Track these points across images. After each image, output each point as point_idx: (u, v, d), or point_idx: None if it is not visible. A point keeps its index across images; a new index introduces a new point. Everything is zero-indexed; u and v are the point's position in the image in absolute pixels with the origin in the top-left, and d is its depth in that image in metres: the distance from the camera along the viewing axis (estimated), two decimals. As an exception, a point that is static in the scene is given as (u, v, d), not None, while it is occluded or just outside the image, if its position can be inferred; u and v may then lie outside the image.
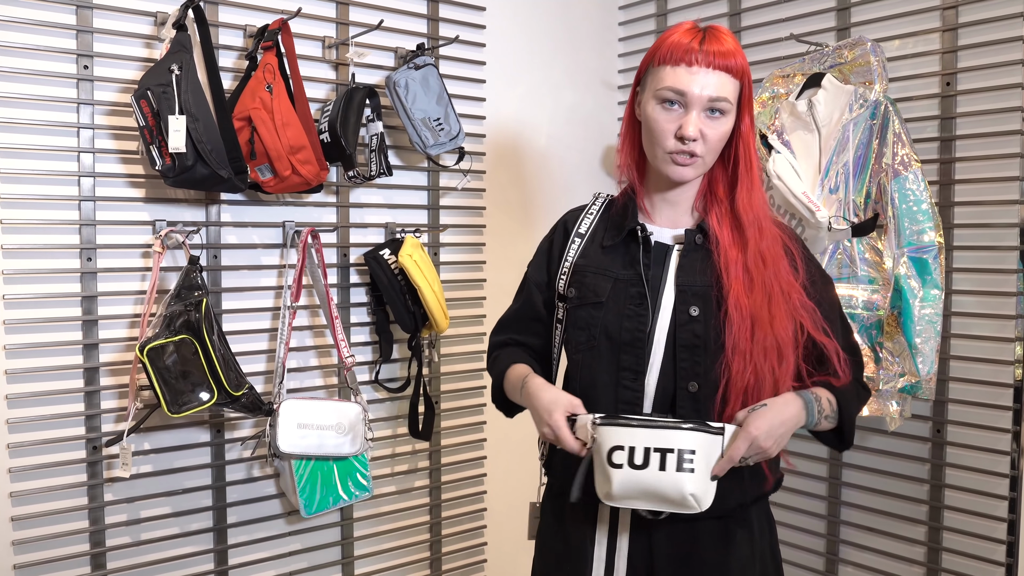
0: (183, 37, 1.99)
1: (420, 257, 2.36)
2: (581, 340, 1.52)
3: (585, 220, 1.61)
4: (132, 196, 2.13)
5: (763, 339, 1.41)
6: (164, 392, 1.93)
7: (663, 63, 1.41)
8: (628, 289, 1.49)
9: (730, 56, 1.40)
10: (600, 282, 1.51)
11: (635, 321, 1.46)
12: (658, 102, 1.42)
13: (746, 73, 1.44)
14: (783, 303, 1.44)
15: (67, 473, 2.07)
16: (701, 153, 1.43)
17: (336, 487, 2.28)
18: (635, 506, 1.37)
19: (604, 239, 1.55)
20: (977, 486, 2.24)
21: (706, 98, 1.40)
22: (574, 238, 1.58)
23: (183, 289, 2.02)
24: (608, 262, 1.53)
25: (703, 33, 1.41)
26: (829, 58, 2.31)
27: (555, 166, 2.98)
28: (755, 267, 1.45)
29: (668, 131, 1.42)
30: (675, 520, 1.44)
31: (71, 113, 2.04)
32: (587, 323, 1.51)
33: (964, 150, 2.25)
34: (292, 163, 2.10)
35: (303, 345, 2.41)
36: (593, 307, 1.50)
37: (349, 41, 2.39)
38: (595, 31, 3.08)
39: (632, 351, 1.46)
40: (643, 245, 1.50)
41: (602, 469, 1.36)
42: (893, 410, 2.20)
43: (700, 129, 1.40)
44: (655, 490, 1.33)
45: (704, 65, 1.39)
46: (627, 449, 1.33)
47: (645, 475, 1.32)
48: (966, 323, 2.26)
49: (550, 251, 1.64)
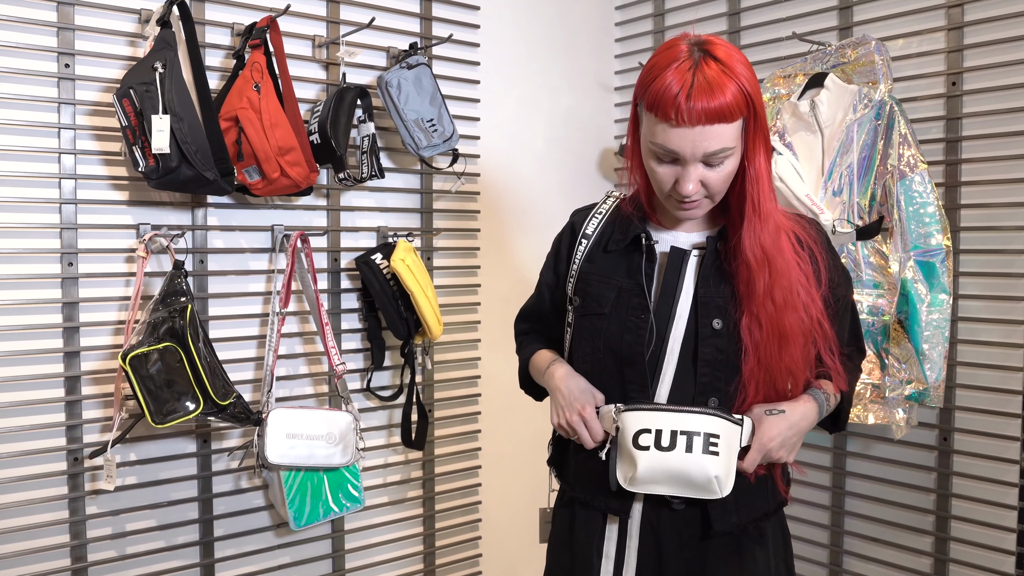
0: (167, 34, 1.93)
1: (413, 262, 2.31)
2: (587, 352, 1.48)
3: (593, 221, 1.54)
4: (115, 199, 2.07)
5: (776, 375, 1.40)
6: (148, 402, 1.87)
7: (651, 111, 1.29)
8: (631, 300, 1.43)
9: (721, 97, 1.24)
10: (604, 291, 1.46)
11: (635, 334, 1.41)
12: (652, 155, 1.33)
13: (749, 103, 1.28)
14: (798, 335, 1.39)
15: (47, 486, 2.01)
16: (703, 196, 1.35)
17: (327, 499, 2.23)
18: (658, 491, 1.36)
19: (610, 243, 1.49)
20: (985, 496, 2.20)
21: (700, 155, 1.28)
22: (581, 239, 1.53)
23: (168, 295, 1.96)
24: (612, 269, 1.47)
25: (692, 72, 1.25)
26: (832, 57, 2.26)
27: (552, 169, 2.93)
28: (763, 307, 1.37)
29: (667, 182, 1.34)
30: (686, 536, 1.41)
31: (52, 113, 1.99)
32: (591, 334, 1.47)
33: (971, 151, 2.21)
34: (281, 165, 2.04)
35: (292, 352, 2.35)
36: (596, 318, 1.45)
37: (340, 40, 2.34)
38: (592, 32, 3.04)
39: (634, 366, 1.41)
40: (646, 254, 1.43)
41: (627, 453, 1.36)
42: (899, 418, 2.15)
43: (700, 180, 1.32)
44: (681, 472, 1.33)
45: (692, 123, 1.25)
46: (654, 432, 1.34)
47: (672, 456, 1.33)
48: (973, 328, 2.21)
49: (559, 251, 1.60)
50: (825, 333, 1.42)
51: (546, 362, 1.56)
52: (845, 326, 1.51)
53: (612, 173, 3.09)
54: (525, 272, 2.83)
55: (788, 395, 1.42)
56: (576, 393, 1.44)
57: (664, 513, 1.42)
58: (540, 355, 1.61)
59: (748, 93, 1.27)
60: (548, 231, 2.90)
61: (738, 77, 1.26)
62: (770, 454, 1.37)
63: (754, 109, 1.29)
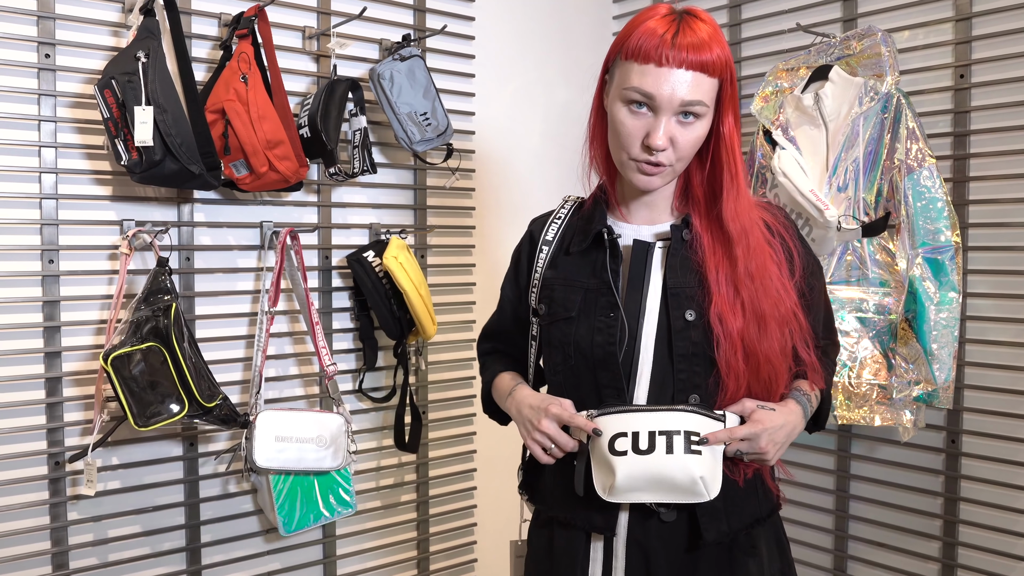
0: (151, 23, 1.87)
1: (406, 259, 2.25)
2: (557, 360, 1.41)
3: (552, 226, 1.48)
4: (98, 194, 2.01)
5: (756, 363, 1.33)
6: (131, 404, 1.81)
7: (630, 57, 1.26)
8: (598, 299, 1.36)
9: (706, 51, 1.24)
10: (569, 295, 1.40)
11: (605, 335, 1.34)
12: (624, 103, 1.28)
13: (728, 67, 1.28)
14: (774, 320, 1.33)
15: (27, 491, 1.95)
16: (670, 162, 1.29)
17: (317, 503, 2.17)
18: (640, 499, 1.28)
19: (572, 244, 1.43)
20: (994, 500, 2.15)
21: (677, 102, 1.25)
22: (541, 246, 1.47)
23: (151, 293, 1.90)
24: (575, 271, 1.41)
25: (677, 23, 1.25)
26: (836, 49, 2.21)
27: (548, 165, 2.87)
28: (743, 285, 1.32)
29: (635, 137, 1.28)
30: (675, 549, 1.34)
31: (31, 105, 1.92)
32: (560, 341, 1.39)
33: (979, 146, 2.16)
34: (269, 159, 1.98)
35: (282, 353, 2.29)
36: (564, 323, 1.39)
37: (331, 31, 2.28)
38: (589, 25, 2.98)
39: (607, 367, 1.33)
40: (610, 249, 1.36)
41: (603, 461, 1.28)
42: (906, 420, 2.10)
43: (671, 136, 1.27)
44: (663, 475, 1.25)
45: (675, 64, 1.23)
46: (630, 435, 1.26)
47: (652, 460, 1.25)
48: (982, 327, 2.16)
49: (518, 263, 1.55)
50: (800, 324, 1.36)
51: (508, 387, 1.50)
52: (819, 318, 1.46)
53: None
54: (521, 270, 2.77)
55: (772, 389, 1.35)
56: (535, 405, 1.39)
57: (652, 525, 1.34)
58: (502, 379, 1.55)
59: (727, 57, 1.28)
60: (545, 229, 2.85)
61: (720, 38, 1.27)
62: (758, 440, 1.28)
63: (731, 74, 1.29)
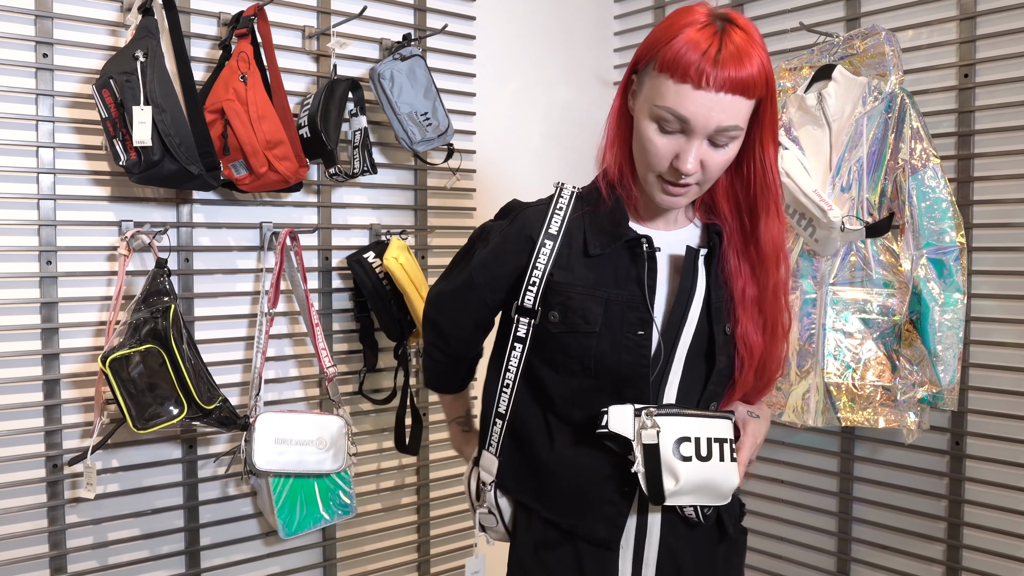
0: (149, 22, 1.85)
1: (406, 260, 2.23)
2: (575, 368, 1.30)
3: (555, 219, 1.33)
4: (96, 195, 1.99)
5: (760, 374, 1.37)
6: (129, 406, 1.79)
7: (665, 71, 1.16)
8: (626, 314, 1.27)
9: (747, 68, 1.14)
10: (590, 305, 1.28)
11: (635, 353, 1.27)
12: (653, 119, 1.19)
13: (768, 85, 1.19)
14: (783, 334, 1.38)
15: (26, 494, 1.93)
16: (697, 181, 1.23)
17: (317, 506, 2.16)
18: (685, 502, 1.26)
19: (590, 245, 1.30)
20: (999, 502, 2.14)
21: (713, 127, 1.16)
22: (544, 240, 1.31)
23: (150, 295, 1.88)
24: (596, 278, 1.29)
25: (719, 36, 1.14)
26: (839, 49, 2.20)
27: (549, 166, 2.86)
28: (769, 304, 1.33)
29: (663, 157, 1.20)
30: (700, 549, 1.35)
31: (29, 105, 1.91)
32: (578, 352, 1.29)
33: (983, 145, 2.14)
34: (268, 159, 1.96)
35: (281, 354, 2.28)
36: (584, 336, 1.28)
37: (330, 30, 2.26)
38: (590, 24, 2.97)
39: (634, 384, 1.27)
40: (648, 263, 1.28)
41: (666, 464, 1.22)
42: (911, 422, 2.09)
43: (701, 159, 1.20)
44: (715, 482, 1.25)
45: (715, 88, 1.13)
46: (693, 440, 1.23)
47: (709, 467, 1.24)
48: (987, 329, 2.14)
49: (503, 250, 1.37)
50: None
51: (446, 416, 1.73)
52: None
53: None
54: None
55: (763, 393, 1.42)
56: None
57: (680, 528, 1.32)
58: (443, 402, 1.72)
59: (768, 71, 1.18)
60: (546, 229, 2.83)
61: (761, 51, 1.17)
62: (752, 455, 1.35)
63: (770, 90, 1.21)
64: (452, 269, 1.50)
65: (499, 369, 1.39)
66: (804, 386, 2.19)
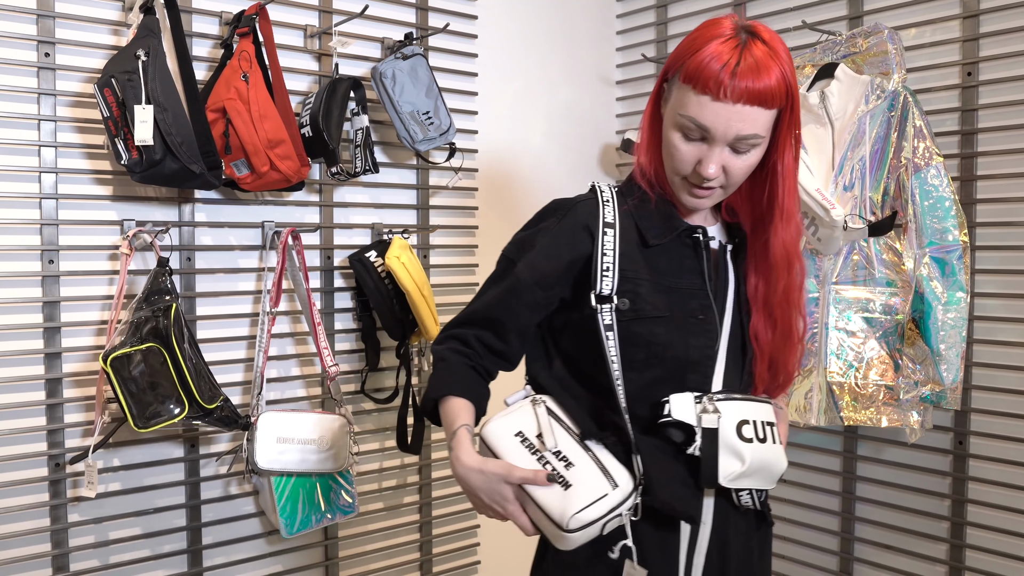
0: (151, 21, 1.85)
1: (408, 260, 2.23)
2: (638, 358, 1.31)
3: (607, 209, 1.35)
4: (98, 194, 1.99)
5: (775, 371, 1.42)
6: (130, 405, 1.80)
7: (688, 82, 1.23)
8: (687, 301, 1.33)
9: (765, 80, 1.20)
10: (657, 293, 1.32)
11: (702, 339, 1.33)
12: (678, 128, 1.26)
13: (789, 95, 1.24)
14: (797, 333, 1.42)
15: (28, 492, 1.93)
16: (720, 185, 1.29)
17: (319, 505, 2.16)
18: (745, 484, 1.30)
19: (648, 236, 1.34)
20: (1002, 501, 2.13)
21: (732, 136, 1.23)
22: (604, 228, 1.33)
23: (151, 294, 1.89)
24: (659, 268, 1.34)
25: (740, 50, 1.20)
26: (842, 47, 2.19)
27: (551, 165, 2.86)
28: (778, 305, 1.38)
29: (687, 162, 1.28)
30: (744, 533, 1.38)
31: (31, 104, 1.91)
32: (646, 340, 1.31)
33: (987, 144, 2.13)
34: (270, 158, 1.96)
35: (283, 353, 2.28)
36: (653, 322, 1.31)
37: (332, 29, 2.26)
38: (592, 24, 2.96)
39: (699, 370, 1.33)
40: (706, 251, 1.35)
41: (730, 447, 1.27)
42: (913, 421, 2.08)
43: (722, 164, 1.26)
44: (770, 465, 1.30)
45: (733, 99, 1.20)
46: (751, 422, 1.28)
47: (767, 448, 1.29)
48: (990, 328, 2.14)
49: (554, 247, 1.36)
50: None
51: (451, 423, 1.32)
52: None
53: (613, 169, 3.02)
54: (524, 271, 2.75)
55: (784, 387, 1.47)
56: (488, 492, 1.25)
57: (730, 513, 1.35)
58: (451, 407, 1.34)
59: (789, 83, 1.23)
60: (548, 228, 2.83)
61: (782, 63, 1.22)
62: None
63: (792, 101, 1.25)
64: (482, 293, 1.43)
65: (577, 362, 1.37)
66: (807, 385, 2.18)
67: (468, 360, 1.38)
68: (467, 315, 1.42)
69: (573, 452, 1.26)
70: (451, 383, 1.36)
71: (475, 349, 1.39)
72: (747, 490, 1.31)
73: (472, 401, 1.35)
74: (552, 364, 1.41)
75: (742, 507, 1.33)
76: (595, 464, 1.25)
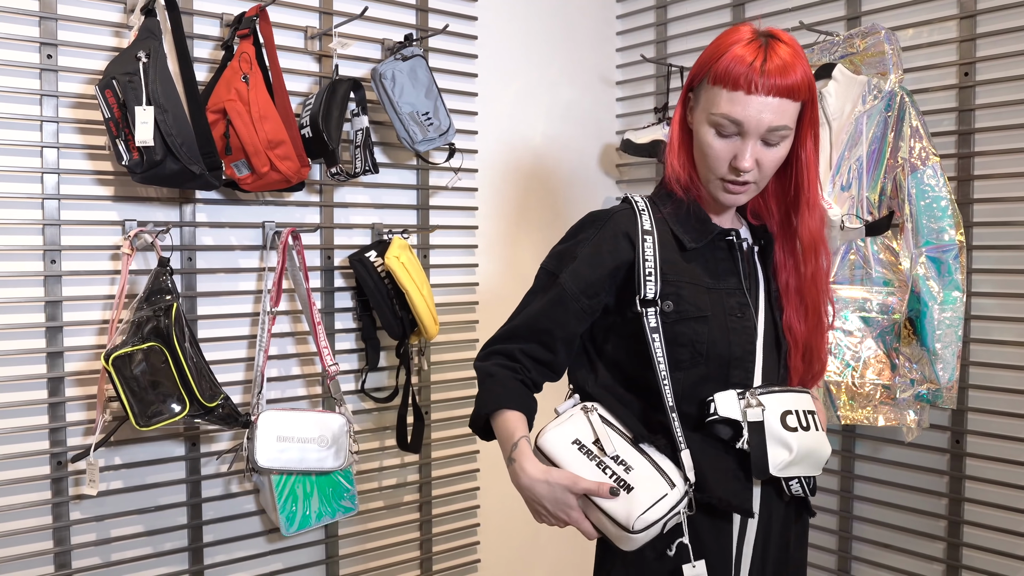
0: (152, 23, 1.87)
1: (408, 259, 2.24)
2: (683, 358, 1.36)
3: (643, 217, 1.40)
4: (100, 194, 2.01)
5: (809, 359, 1.47)
6: (132, 404, 1.81)
7: (718, 83, 1.31)
8: (726, 300, 1.40)
9: (791, 75, 1.29)
10: (698, 294, 1.38)
11: (742, 335, 1.39)
12: (711, 126, 1.34)
13: (810, 89, 1.33)
14: (826, 320, 1.49)
15: (30, 490, 1.95)
16: (755, 180, 1.36)
17: (319, 503, 2.17)
18: (794, 472, 1.35)
19: (685, 240, 1.40)
20: (999, 500, 2.13)
21: (764, 127, 1.30)
22: (643, 236, 1.38)
23: (152, 293, 1.90)
24: (697, 270, 1.40)
25: (764, 50, 1.30)
26: (839, 48, 2.20)
27: (551, 165, 2.87)
28: (808, 292, 1.45)
29: (722, 159, 1.34)
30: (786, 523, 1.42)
31: (33, 106, 1.92)
32: (690, 339, 1.36)
33: (984, 144, 2.14)
34: (270, 159, 1.98)
35: (284, 353, 2.29)
36: (696, 322, 1.37)
37: (332, 31, 2.27)
38: (592, 24, 2.97)
39: (742, 366, 1.39)
40: (740, 253, 1.43)
41: (777, 438, 1.33)
42: (910, 420, 2.09)
43: (756, 158, 1.33)
44: (816, 451, 1.35)
45: (764, 92, 1.28)
46: (794, 412, 1.34)
47: (811, 436, 1.35)
48: (987, 327, 2.14)
49: (599, 252, 1.39)
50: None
51: (510, 436, 1.35)
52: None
53: (613, 169, 3.03)
54: (525, 270, 2.76)
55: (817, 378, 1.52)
56: (553, 501, 1.30)
57: (775, 502, 1.40)
58: (506, 420, 1.37)
59: (810, 78, 1.32)
60: (549, 228, 2.84)
61: (803, 60, 1.31)
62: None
63: (812, 95, 1.34)
64: (523, 307, 1.46)
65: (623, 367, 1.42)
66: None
67: (516, 374, 1.41)
68: (510, 330, 1.45)
69: (630, 456, 1.31)
70: (503, 397, 1.39)
71: (522, 363, 1.42)
72: (796, 478, 1.36)
73: (525, 413, 1.39)
74: (597, 372, 1.45)
75: (792, 495, 1.39)
76: (652, 466, 1.30)
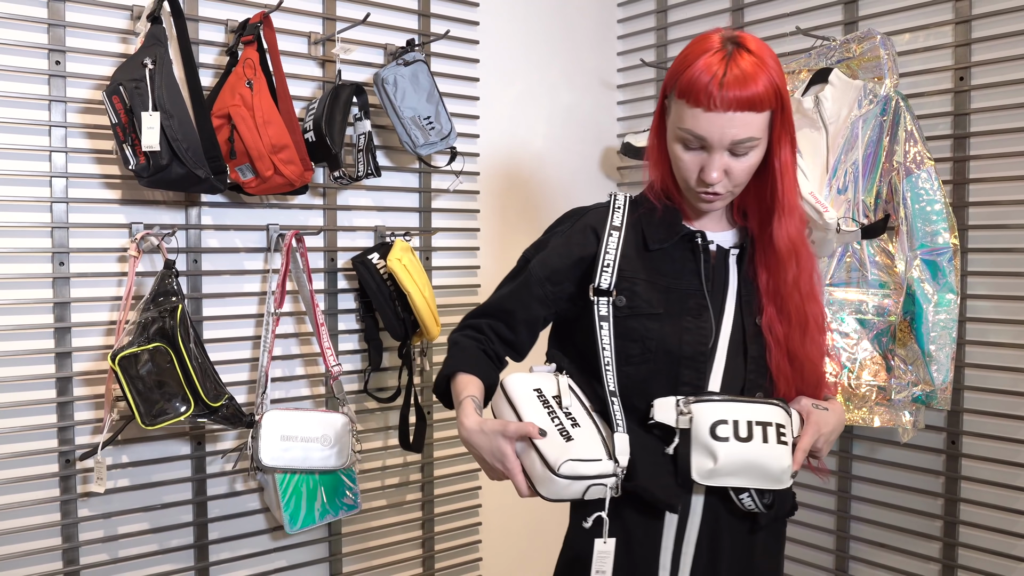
0: (158, 30, 1.90)
1: (410, 261, 2.27)
2: (634, 353, 1.40)
3: (615, 215, 1.46)
4: (107, 198, 2.05)
5: (800, 366, 1.44)
6: (137, 403, 1.85)
7: (682, 97, 1.31)
8: (685, 301, 1.40)
9: (752, 87, 1.27)
10: (652, 291, 1.40)
11: (696, 335, 1.39)
12: (679, 140, 1.35)
13: (778, 97, 1.31)
14: (815, 326, 1.45)
15: (39, 488, 1.98)
16: (726, 190, 1.36)
17: (322, 502, 2.20)
18: (732, 483, 1.33)
19: (650, 241, 1.43)
20: (994, 500, 2.15)
21: (728, 142, 1.30)
22: (610, 230, 1.44)
23: (158, 295, 1.93)
24: (657, 268, 1.42)
25: (726, 62, 1.28)
26: (836, 53, 2.22)
27: (552, 168, 2.89)
28: (790, 296, 1.42)
29: (691, 171, 1.35)
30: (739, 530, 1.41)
31: (42, 111, 1.96)
32: (641, 335, 1.40)
33: (979, 148, 2.16)
34: (274, 163, 2.01)
35: (288, 353, 2.32)
36: (648, 318, 1.39)
37: (335, 37, 2.31)
38: (593, 28, 3.00)
39: (693, 366, 1.39)
40: (704, 254, 1.42)
41: (703, 446, 1.32)
42: (906, 420, 2.11)
43: (724, 168, 1.33)
44: (759, 463, 1.31)
45: (723, 108, 1.27)
46: (731, 422, 1.31)
47: (751, 447, 1.31)
48: (982, 329, 2.16)
49: (564, 247, 1.48)
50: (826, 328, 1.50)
51: (458, 395, 1.41)
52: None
53: (614, 172, 3.05)
54: (526, 272, 2.79)
55: (819, 389, 1.47)
56: (490, 451, 1.31)
57: (722, 510, 1.39)
58: (459, 381, 1.44)
59: (778, 86, 1.30)
60: (549, 230, 2.86)
61: (769, 70, 1.29)
62: (816, 445, 1.38)
63: (782, 102, 1.32)
64: (499, 288, 1.56)
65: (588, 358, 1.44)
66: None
67: (479, 344, 1.50)
68: (483, 307, 1.55)
69: (582, 417, 1.35)
70: (461, 361, 1.46)
71: (487, 335, 1.51)
72: (746, 492, 1.34)
73: (480, 378, 1.45)
74: (567, 363, 1.49)
75: (745, 509, 1.37)
76: (599, 433, 1.33)
